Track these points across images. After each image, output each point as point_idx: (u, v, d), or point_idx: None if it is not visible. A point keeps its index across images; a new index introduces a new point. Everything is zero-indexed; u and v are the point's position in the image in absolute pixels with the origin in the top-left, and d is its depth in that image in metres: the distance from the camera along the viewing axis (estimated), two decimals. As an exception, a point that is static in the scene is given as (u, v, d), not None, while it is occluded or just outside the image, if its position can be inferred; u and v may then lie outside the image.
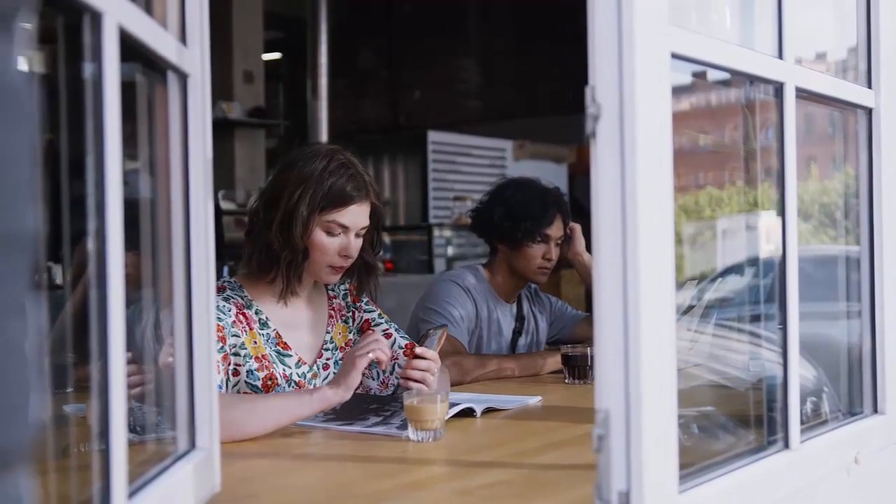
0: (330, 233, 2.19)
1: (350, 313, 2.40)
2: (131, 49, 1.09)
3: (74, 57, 1.01)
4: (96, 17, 0.99)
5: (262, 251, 2.21)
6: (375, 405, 2.14)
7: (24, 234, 0.56)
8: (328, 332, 2.35)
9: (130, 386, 1.10)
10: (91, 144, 0.99)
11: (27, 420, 0.57)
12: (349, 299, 2.41)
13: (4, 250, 0.55)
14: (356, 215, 2.20)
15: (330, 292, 2.40)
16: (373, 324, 2.39)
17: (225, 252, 4.65)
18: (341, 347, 2.35)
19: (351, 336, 2.38)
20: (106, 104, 0.99)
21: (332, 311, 2.37)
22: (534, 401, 2.35)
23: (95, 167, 0.99)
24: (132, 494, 1.08)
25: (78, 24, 0.99)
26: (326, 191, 2.15)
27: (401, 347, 2.35)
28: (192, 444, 1.36)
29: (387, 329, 2.38)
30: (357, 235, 2.22)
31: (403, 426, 1.91)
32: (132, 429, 1.21)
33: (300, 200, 2.15)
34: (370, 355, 1.99)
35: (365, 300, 2.42)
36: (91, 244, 1.00)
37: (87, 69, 1.00)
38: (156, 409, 1.44)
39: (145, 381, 1.44)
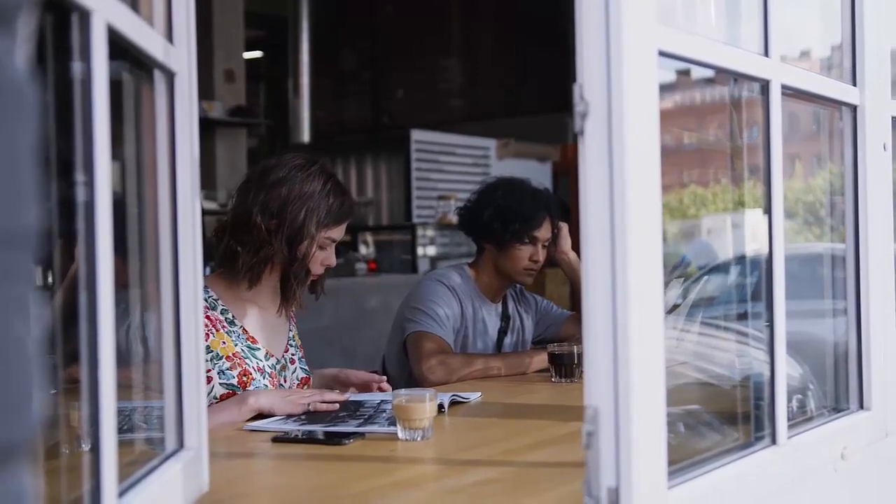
0: (322, 247, 2.27)
1: (295, 322, 2.50)
2: (118, 47, 1.09)
3: (62, 55, 1.00)
4: (85, 16, 0.98)
5: (263, 262, 2.24)
6: (348, 411, 2.13)
7: (27, 231, 0.57)
8: (290, 331, 2.43)
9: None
10: (79, 143, 0.98)
11: (31, 417, 0.57)
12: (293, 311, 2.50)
13: (10, 247, 0.55)
14: (343, 229, 2.32)
15: None
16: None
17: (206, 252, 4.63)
18: (300, 346, 2.45)
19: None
20: (95, 103, 0.99)
21: (291, 313, 2.45)
22: (474, 396, 2.35)
23: (84, 167, 0.98)
24: (121, 494, 1.07)
25: (63, 22, 0.98)
26: (328, 209, 2.24)
27: (297, 379, 2.40)
28: (181, 444, 1.35)
29: (296, 354, 2.46)
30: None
31: (392, 422, 1.90)
32: (119, 429, 1.20)
33: (308, 220, 2.21)
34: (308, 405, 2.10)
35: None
36: (79, 245, 0.99)
37: (76, 67, 0.99)
38: (142, 409, 1.43)
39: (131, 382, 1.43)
